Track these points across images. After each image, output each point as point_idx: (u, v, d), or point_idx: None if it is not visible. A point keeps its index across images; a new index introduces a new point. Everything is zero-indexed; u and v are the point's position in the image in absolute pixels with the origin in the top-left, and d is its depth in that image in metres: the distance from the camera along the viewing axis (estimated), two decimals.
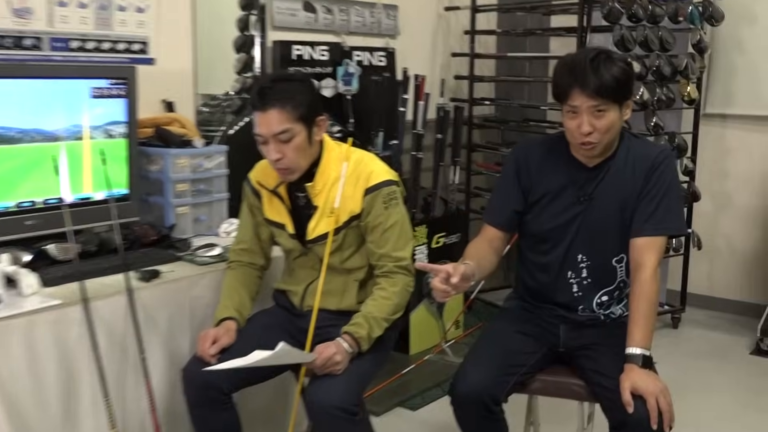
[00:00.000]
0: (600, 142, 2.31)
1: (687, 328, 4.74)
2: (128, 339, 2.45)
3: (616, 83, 2.25)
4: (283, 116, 2.34)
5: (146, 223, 3.03)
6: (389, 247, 2.48)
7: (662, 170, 2.37)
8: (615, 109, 2.29)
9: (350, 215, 2.48)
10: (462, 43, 5.00)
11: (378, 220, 2.47)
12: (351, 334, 2.38)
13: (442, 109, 4.40)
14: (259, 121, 2.37)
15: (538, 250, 2.52)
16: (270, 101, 2.34)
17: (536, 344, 2.50)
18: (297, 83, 2.40)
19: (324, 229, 2.49)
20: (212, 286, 2.68)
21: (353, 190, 2.47)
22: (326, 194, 2.48)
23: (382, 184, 2.48)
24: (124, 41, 3.22)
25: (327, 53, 4.09)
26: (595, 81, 2.24)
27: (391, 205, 2.48)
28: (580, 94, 2.27)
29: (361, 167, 2.49)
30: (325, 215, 2.49)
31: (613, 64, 2.27)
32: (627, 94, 2.32)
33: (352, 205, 2.47)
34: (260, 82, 2.41)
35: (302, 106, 2.36)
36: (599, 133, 2.29)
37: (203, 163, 3.14)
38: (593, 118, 2.28)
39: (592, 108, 2.27)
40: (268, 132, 2.36)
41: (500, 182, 2.58)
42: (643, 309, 2.28)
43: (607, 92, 2.25)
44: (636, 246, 2.37)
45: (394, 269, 2.48)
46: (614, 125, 2.30)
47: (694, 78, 4.42)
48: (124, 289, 2.42)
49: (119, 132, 2.88)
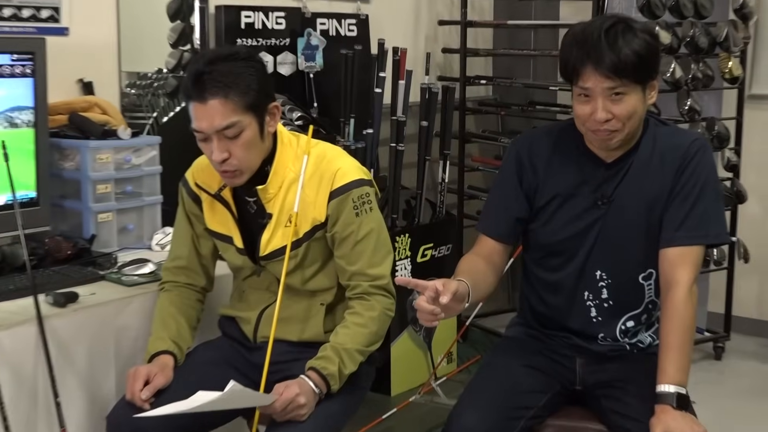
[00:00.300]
0: (620, 131, 2.34)
1: (732, 359, 4.78)
2: (39, 379, 2.44)
3: (637, 59, 2.27)
4: (227, 107, 2.33)
5: (60, 233, 3.02)
6: (363, 262, 2.49)
7: (696, 164, 2.40)
8: (637, 92, 2.31)
9: (313, 224, 2.49)
10: (452, 8, 5.03)
11: (348, 229, 2.48)
12: (318, 371, 2.38)
13: (427, 90, 4.42)
14: (196, 114, 2.35)
15: (548, 266, 2.55)
16: (209, 89, 2.31)
17: (547, 381, 2.51)
18: (241, 63, 2.37)
19: (280, 242, 2.49)
20: (143, 313, 2.68)
21: (316, 193, 2.48)
22: (282, 199, 2.49)
23: (352, 185, 2.48)
24: (29, 6, 3.22)
25: (284, 21, 4.10)
26: (612, 57, 2.26)
27: (363, 211, 2.48)
28: (593, 73, 2.29)
29: (325, 164, 2.49)
30: (281, 225, 2.49)
31: (634, 36, 2.28)
32: (651, 72, 2.34)
33: (314, 211, 2.48)
34: (195, 66, 2.36)
35: (250, 92, 2.35)
36: (618, 120, 2.32)
37: (130, 159, 3.15)
38: (610, 103, 2.30)
39: (609, 90, 2.29)
40: (209, 127, 2.34)
41: (498, 182, 2.59)
42: (677, 336, 2.31)
43: (626, 71, 2.27)
44: (667, 258, 2.39)
45: (369, 290, 2.49)
46: (636, 111, 2.33)
47: (737, 51, 4.46)
48: (33, 317, 2.41)
49: (24, 120, 2.88)
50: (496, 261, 2.53)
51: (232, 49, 2.43)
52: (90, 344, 2.57)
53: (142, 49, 3.69)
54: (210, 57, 2.37)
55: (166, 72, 3.73)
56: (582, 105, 2.35)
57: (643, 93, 2.33)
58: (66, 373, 2.50)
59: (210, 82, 2.31)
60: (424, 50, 4.85)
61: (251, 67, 2.38)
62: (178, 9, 3.76)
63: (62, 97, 3.22)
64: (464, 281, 2.29)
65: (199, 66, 2.35)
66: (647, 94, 2.35)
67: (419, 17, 4.95)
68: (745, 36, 4.48)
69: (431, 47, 4.95)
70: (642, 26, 2.34)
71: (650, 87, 2.35)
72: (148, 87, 3.68)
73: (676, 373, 2.27)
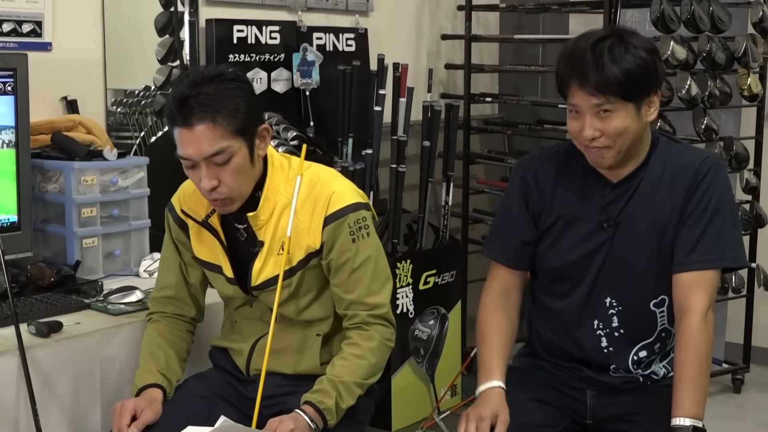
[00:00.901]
0: (611, 148, 2.36)
1: (752, 392, 4.78)
2: (21, 412, 2.44)
3: (625, 77, 2.28)
4: (215, 132, 2.32)
5: (43, 259, 3.03)
6: (361, 291, 2.50)
7: (709, 183, 2.41)
8: (627, 109, 2.32)
9: (307, 252, 2.49)
10: (455, 21, 5.06)
11: (344, 256, 2.49)
12: (314, 405, 2.38)
13: (430, 108, 4.44)
14: (183, 140, 2.35)
15: (555, 293, 2.57)
16: (196, 114, 2.31)
17: (556, 415, 2.53)
18: (228, 85, 2.37)
19: (273, 271, 2.50)
20: (130, 343, 2.69)
21: (310, 218, 2.48)
22: (274, 225, 2.49)
23: (348, 209, 2.49)
24: (10, 20, 3.24)
25: (279, 35, 4.13)
26: (596, 75, 2.28)
27: (360, 237, 2.49)
28: (578, 91, 2.32)
29: (319, 188, 2.50)
30: (273, 253, 2.50)
31: (624, 52, 2.30)
32: (645, 89, 2.34)
33: (308, 238, 2.48)
34: (179, 89, 2.36)
35: (238, 115, 2.35)
36: (607, 137, 2.34)
37: (117, 180, 3.16)
38: (597, 120, 2.33)
39: (596, 107, 2.32)
40: (197, 154, 2.34)
41: (504, 206, 2.62)
42: (692, 366, 2.32)
43: (610, 89, 2.29)
44: (680, 284, 2.40)
45: (368, 319, 2.50)
46: (628, 129, 2.34)
47: (756, 67, 4.48)
48: (15, 347, 2.42)
49: (5, 140, 2.90)
50: (514, 299, 2.58)
51: (218, 70, 2.40)
52: (74, 376, 2.58)
53: (129, 66, 3.71)
54: (194, 79, 2.35)
55: (154, 89, 3.75)
56: (573, 121, 2.39)
57: (636, 110, 2.34)
58: (49, 406, 2.51)
59: (196, 107, 2.31)
60: (426, 66, 4.88)
61: (239, 89, 2.37)
62: (167, 23, 3.78)
63: (45, 116, 3.25)
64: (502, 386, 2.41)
65: (184, 89, 2.33)
66: (643, 110, 2.36)
67: (421, 31, 4.98)
68: (764, 51, 4.49)
69: (434, 63, 4.97)
70: (639, 41, 2.35)
71: (648, 103, 2.37)
72: (135, 105, 3.70)
73: (692, 405, 2.29)
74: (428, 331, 4.27)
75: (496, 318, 2.54)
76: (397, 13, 4.80)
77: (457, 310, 4.45)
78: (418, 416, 4.25)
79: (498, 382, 2.43)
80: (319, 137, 4.15)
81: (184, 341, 2.67)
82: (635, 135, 2.37)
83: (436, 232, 4.53)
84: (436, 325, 4.31)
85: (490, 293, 2.58)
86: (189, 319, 2.69)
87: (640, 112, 2.35)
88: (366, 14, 4.57)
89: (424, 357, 4.26)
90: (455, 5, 5.01)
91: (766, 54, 4.53)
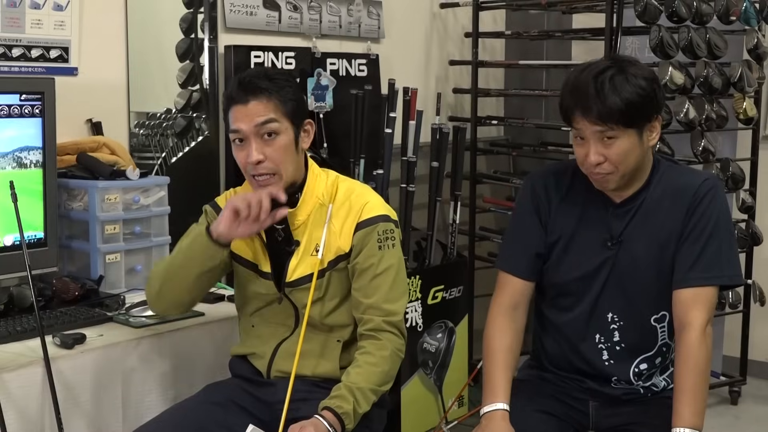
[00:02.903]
0: (614, 174, 2.37)
1: (748, 404, 4.76)
2: (46, 421, 2.45)
3: (625, 107, 2.30)
4: (269, 106, 2.43)
5: (67, 274, 3.04)
6: (379, 296, 2.51)
7: (708, 204, 2.42)
8: (630, 135, 2.34)
9: (336, 254, 2.52)
10: (462, 48, 5.07)
11: (369, 261, 2.51)
12: (333, 410, 2.37)
13: (438, 130, 4.45)
14: (236, 115, 2.44)
15: (559, 307, 2.56)
16: (253, 92, 2.43)
17: (560, 425, 2.52)
18: (285, 77, 2.51)
19: (307, 269, 2.52)
20: (151, 355, 2.69)
21: (342, 223, 2.52)
22: (310, 228, 2.53)
23: (379, 219, 2.53)
24: (39, 46, 3.26)
25: (294, 61, 4.13)
26: (598, 105, 2.30)
27: (386, 246, 2.52)
28: (582, 120, 2.34)
29: (354, 197, 2.56)
30: (308, 253, 2.53)
31: (624, 83, 2.31)
32: (645, 117, 2.36)
33: (339, 241, 2.52)
34: (240, 76, 2.50)
35: (290, 101, 2.46)
36: (611, 163, 2.35)
37: (139, 199, 3.17)
38: (602, 146, 2.34)
39: (599, 134, 2.33)
40: (248, 125, 2.41)
41: (516, 218, 2.62)
42: (691, 379, 2.32)
43: (612, 118, 2.30)
44: (680, 300, 2.40)
45: (382, 326, 2.50)
46: (631, 153, 2.35)
47: (751, 91, 4.48)
48: (40, 358, 2.43)
49: (33, 160, 2.91)
50: (521, 314, 2.56)
51: (276, 69, 2.53)
52: (97, 386, 2.58)
53: (151, 89, 3.72)
54: (253, 72, 2.51)
55: (175, 112, 3.77)
56: (578, 147, 2.40)
57: (638, 136, 2.35)
58: (72, 416, 2.51)
59: (254, 86, 2.43)
60: (435, 90, 4.89)
61: (292, 84, 2.52)
62: (188, 49, 3.80)
63: (71, 137, 3.26)
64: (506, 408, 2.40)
65: (245, 76, 2.48)
66: (645, 135, 2.37)
67: (430, 57, 4.99)
68: (759, 76, 4.51)
69: (442, 87, 4.98)
70: (638, 70, 2.36)
71: (649, 129, 2.38)
72: (157, 127, 3.71)
73: (691, 416, 2.28)
74: (436, 344, 4.27)
75: (505, 337, 2.52)
76: (407, 40, 4.81)
77: (464, 324, 4.44)
78: (427, 426, 4.24)
79: (502, 404, 2.42)
80: (333, 158, 4.16)
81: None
82: (637, 159, 2.38)
83: (444, 249, 4.53)
84: (444, 338, 4.30)
85: (499, 307, 2.56)
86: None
87: (642, 138, 2.36)
88: (377, 41, 4.59)
89: (432, 369, 4.25)
90: (463, 32, 5.03)
91: (761, 79, 4.54)
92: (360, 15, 4.47)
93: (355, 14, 4.45)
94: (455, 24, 5.08)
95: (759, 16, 4.42)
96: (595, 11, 4.53)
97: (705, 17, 4.25)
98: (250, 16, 4.03)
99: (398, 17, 4.71)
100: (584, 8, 4.68)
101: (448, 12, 5.03)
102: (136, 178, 3.18)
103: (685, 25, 4.21)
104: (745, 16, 4.38)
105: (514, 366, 2.51)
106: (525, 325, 2.57)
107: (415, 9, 4.88)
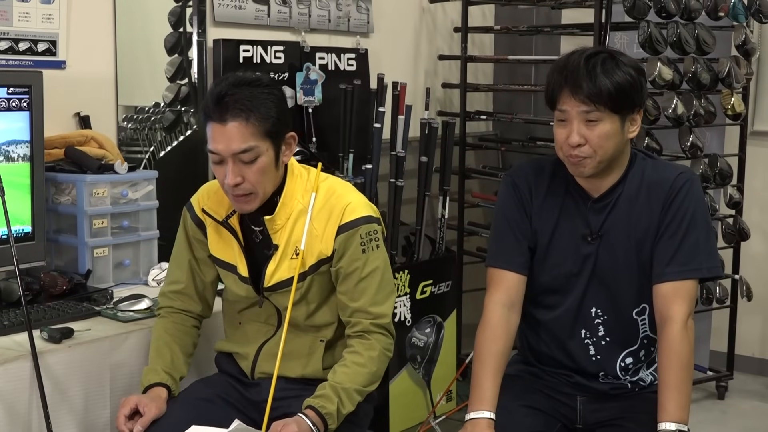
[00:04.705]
0: (592, 158, 2.37)
1: (735, 399, 4.78)
2: (33, 415, 2.44)
3: (614, 89, 2.31)
4: (246, 131, 2.36)
5: (55, 268, 3.04)
6: (366, 300, 2.50)
7: (683, 197, 2.42)
8: (613, 120, 2.34)
9: (318, 258, 2.50)
10: (452, 42, 5.08)
11: (353, 265, 2.49)
12: (316, 409, 2.38)
13: (427, 125, 4.45)
14: (214, 135, 2.38)
15: (544, 305, 2.56)
16: (230, 111, 2.35)
17: (547, 420, 2.53)
18: (264, 89, 2.42)
19: (285, 274, 2.51)
20: (138, 349, 2.69)
21: (324, 226, 2.50)
22: (289, 231, 2.51)
23: (361, 221, 2.50)
24: (26, 39, 3.25)
25: (283, 55, 4.13)
26: (589, 85, 2.31)
27: (370, 248, 2.50)
28: (569, 98, 2.34)
29: (335, 199, 2.52)
30: (287, 257, 2.51)
31: (615, 68, 2.33)
32: (631, 105, 2.37)
33: (321, 245, 2.50)
34: (218, 87, 2.41)
35: (270, 118, 2.39)
36: (590, 146, 2.35)
37: (127, 193, 3.16)
38: (584, 127, 2.34)
39: (584, 114, 2.33)
40: (226, 150, 2.37)
41: (501, 214, 2.59)
42: (675, 373, 2.33)
43: (601, 98, 2.31)
44: (660, 294, 2.41)
45: (370, 328, 2.50)
46: (610, 138, 2.35)
47: (739, 87, 4.50)
48: (28, 352, 2.42)
49: (20, 154, 2.90)
50: (515, 314, 2.52)
51: (256, 76, 2.46)
52: (85, 380, 2.58)
53: (139, 83, 3.71)
54: (233, 80, 2.41)
55: (163, 106, 3.77)
56: (560, 129, 2.40)
57: (620, 123, 2.36)
58: (60, 410, 2.51)
59: (232, 104, 2.35)
60: (424, 85, 4.89)
61: (273, 95, 2.43)
62: (176, 43, 3.80)
63: (59, 131, 3.25)
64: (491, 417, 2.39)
65: (223, 87, 2.39)
66: (626, 126, 2.38)
67: (419, 52, 4.99)
68: (747, 72, 4.52)
69: (431, 82, 4.99)
70: (628, 60, 2.39)
71: (631, 120, 2.39)
72: (145, 121, 3.71)
73: (676, 410, 2.29)
74: (425, 338, 4.27)
75: (498, 342, 2.48)
76: (396, 35, 4.81)
77: (452, 318, 4.45)
78: (415, 420, 4.24)
79: (489, 413, 2.40)
80: (321, 152, 4.16)
81: (190, 336, 2.67)
82: (616, 147, 2.39)
83: (432, 244, 4.54)
84: (432, 332, 4.31)
85: (495, 305, 2.52)
86: (196, 315, 2.69)
87: (624, 127, 2.37)
88: (366, 35, 4.58)
89: (420, 363, 4.25)
90: (452, 27, 5.03)
91: (749, 75, 4.55)
92: (349, 9, 4.47)
93: (344, 8, 4.45)
94: (444, 19, 5.08)
95: (747, 12, 4.44)
96: (584, 6, 4.53)
97: (693, 13, 4.25)
98: (239, 10, 4.02)
99: (387, 12, 4.71)
100: (573, 3, 4.69)
101: (437, 7, 5.03)
102: (124, 172, 3.17)
103: (673, 20, 4.22)
104: (734, 12, 4.39)
105: (503, 370, 2.49)
106: (516, 330, 2.54)
107: (404, 4, 4.89)
